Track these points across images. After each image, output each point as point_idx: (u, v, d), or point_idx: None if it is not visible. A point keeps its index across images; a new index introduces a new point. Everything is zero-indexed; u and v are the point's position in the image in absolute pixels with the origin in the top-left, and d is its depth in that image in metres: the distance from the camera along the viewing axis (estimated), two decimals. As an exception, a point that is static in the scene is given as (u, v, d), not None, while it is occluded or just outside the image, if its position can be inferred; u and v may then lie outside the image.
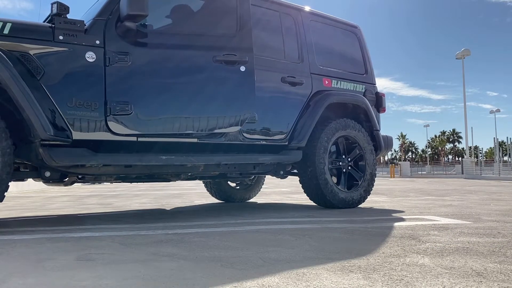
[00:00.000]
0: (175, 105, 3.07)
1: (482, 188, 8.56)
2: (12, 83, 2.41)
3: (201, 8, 3.37)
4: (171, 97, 3.04)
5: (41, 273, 1.50)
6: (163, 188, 9.54)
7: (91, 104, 2.72)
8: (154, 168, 3.23)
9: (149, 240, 2.19)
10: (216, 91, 3.20)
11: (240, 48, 3.27)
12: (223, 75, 3.20)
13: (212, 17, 3.31)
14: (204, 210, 4.22)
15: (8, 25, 2.56)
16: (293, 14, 4.01)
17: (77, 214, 3.88)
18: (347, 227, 2.64)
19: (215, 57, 3.15)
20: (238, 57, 3.22)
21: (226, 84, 3.23)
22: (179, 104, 3.08)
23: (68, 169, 2.88)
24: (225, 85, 3.23)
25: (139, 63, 2.91)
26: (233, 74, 3.22)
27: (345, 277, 1.42)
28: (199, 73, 3.13)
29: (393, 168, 26.81)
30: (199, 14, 3.32)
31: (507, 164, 25.58)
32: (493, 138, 32.35)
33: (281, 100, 3.76)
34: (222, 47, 3.21)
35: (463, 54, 27.36)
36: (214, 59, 3.15)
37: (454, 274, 1.46)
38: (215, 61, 3.15)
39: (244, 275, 1.45)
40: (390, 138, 4.70)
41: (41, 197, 6.91)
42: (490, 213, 3.48)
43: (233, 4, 3.35)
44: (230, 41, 3.28)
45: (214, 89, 3.19)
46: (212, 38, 3.21)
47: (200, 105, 3.14)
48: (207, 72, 3.15)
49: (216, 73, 3.17)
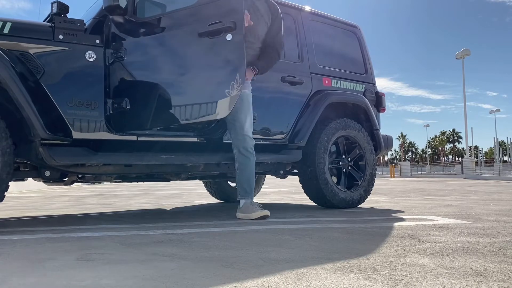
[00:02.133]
0: (175, 105, 3.06)
1: (482, 188, 8.56)
2: (12, 83, 2.41)
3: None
4: (171, 97, 3.04)
5: (41, 273, 1.50)
6: (163, 188, 9.54)
7: (91, 103, 2.72)
8: (154, 168, 3.23)
9: (149, 240, 2.19)
10: None
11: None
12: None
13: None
14: (204, 210, 4.22)
15: (8, 25, 2.56)
16: (293, 13, 4.01)
17: (77, 214, 3.88)
18: (347, 227, 2.64)
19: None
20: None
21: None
22: (179, 104, 3.07)
23: (68, 168, 2.88)
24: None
25: (139, 62, 2.91)
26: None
27: (345, 277, 1.41)
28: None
29: (393, 168, 26.85)
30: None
31: (507, 164, 25.62)
32: (493, 138, 32.37)
33: (281, 100, 3.76)
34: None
35: (463, 54, 27.37)
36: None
37: (454, 274, 1.46)
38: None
39: (244, 275, 1.45)
40: (390, 137, 4.70)
41: (41, 197, 6.91)
42: (490, 213, 3.48)
43: None
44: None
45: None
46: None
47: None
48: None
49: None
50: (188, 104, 3.05)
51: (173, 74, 2.99)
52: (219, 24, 2.69)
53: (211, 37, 2.73)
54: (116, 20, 2.86)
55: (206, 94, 2.85)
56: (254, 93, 3.35)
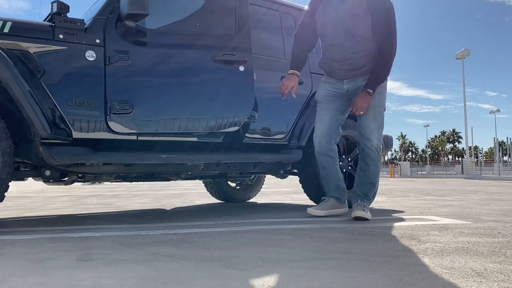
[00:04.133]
0: (175, 104, 3.07)
1: (482, 188, 8.56)
2: (13, 82, 2.40)
3: (201, 8, 3.37)
4: (171, 96, 3.05)
5: (41, 273, 1.50)
6: (163, 188, 9.54)
7: (91, 103, 2.72)
8: (155, 167, 3.23)
9: (149, 240, 2.19)
10: (216, 90, 3.20)
11: (239, 48, 3.27)
12: (223, 74, 3.21)
13: (212, 17, 3.31)
14: (204, 210, 4.22)
15: (8, 24, 2.56)
16: (293, 13, 4.01)
17: (77, 214, 3.88)
18: (347, 227, 2.64)
19: (215, 57, 3.16)
20: (237, 57, 3.23)
21: (225, 84, 3.24)
22: (179, 104, 3.09)
23: (68, 168, 2.88)
24: (225, 84, 3.24)
25: (139, 62, 2.92)
26: (232, 74, 3.23)
27: (345, 277, 1.41)
28: (199, 73, 3.14)
29: (393, 168, 26.83)
30: (200, 14, 3.32)
31: (507, 164, 25.62)
32: (493, 138, 32.37)
33: (281, 100, 3.76)
34: (221, 47, 3.22)
35: (463, 54, 27.38)
36: (214, 58, 3.16)
37: (454, 274, 1.46)
38: (214, 60, 3.16)
39: (244, 275, 1.45)
40: (390, 137, 4.69)
41: (41, 197, 6.91)
42: (490, 213, 3.48)
43: (232, 4, 3.36)
44: (229, 41, 3.28)
45: (214, 89, 3.20)
46: (212, 38, 3.22)
47: (200, 104, 3.14)
48: (207, 72, 3.16)
49: (215, 72, 3.18)
50: (189, 109, 3.09)
51: (176, 79, 3.04)
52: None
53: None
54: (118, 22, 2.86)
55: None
56: (254, 93, 3.35)
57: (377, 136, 3.04)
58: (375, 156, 3.09)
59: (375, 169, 3.12)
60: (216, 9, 3.35)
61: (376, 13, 2.81)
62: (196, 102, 3.14)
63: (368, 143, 3.06)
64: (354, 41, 2.91)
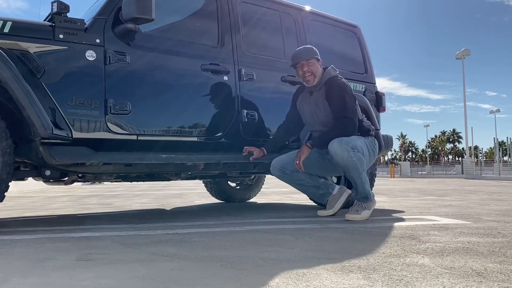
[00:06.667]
0: (174, 105, 3.08)
1: (482, 188, 8.56)
2: (13, 82, 2.40)
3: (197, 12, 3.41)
4: (170, 97, 3.07)
5: (41, 273, 1.50)
6: (163, 188, 9.54)
7: (91, 103, 2.72)
8: (155, 167, 3.22)
9: (149, 240, 2.19)
10: (209, 93, 3.25)
11: (224, 59, 3.33)
12: (210, 84, 3.26)
13: (209, 23, 3.36)
14: (204, 210, 4.22)
15: (9, 24, 2.55)
16: (293, 13, 4.01)
17: (77, 214, 3.88)
18: (347, 227, 2.64)
19: (203, 65, 3.20)
20: (221, 67, 3.29)
21: (215, 91, 3.29)
22: (177, 104, 3.10)
23: (68, 168, 2.88)
24: (214, 91, 3.29)
25: (139, 62, 2.92)
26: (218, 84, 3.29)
27: (345, 277, 1.41)
28: (193, 77, 3.19)
29: (393, 168, 26.82)
30: (195, 20, 3.38)
31: (507, 164, 25.59)
32: (493, 138, 32.35)
33: (281, 99, 3.76)
34: (208, 56, 3.27)
35: (463, 54, 27.36)
36: (203, 67, 3.20)
37: (454, 274, 1.46)
38: (203, 69, 3.21)
39: (244, 275, 1.45)
40: (390, 137, 4.69)
41: (41, 197, 6.91)
42: (490, 213, 3.48)
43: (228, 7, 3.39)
44: (215, 51, 3.33)
45: (208, 92, 3.24)
46: (200, 47, 3.27)
47: (199, 104, 3.16)
48: (198, 78, 3.20)
49: (204, 81, 3.24)
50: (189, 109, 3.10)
51: (174, 80, 3.05)
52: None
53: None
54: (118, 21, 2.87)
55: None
56: (255, 93, 3.36)
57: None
58: (345, 166, 3.08)
59: (354, 172, 3.09)
60: (212, 13, 3.38)
61: (331, 95, 3.20)
62: (196, 102, 3.14)
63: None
64: (324, 127, 3.29)
